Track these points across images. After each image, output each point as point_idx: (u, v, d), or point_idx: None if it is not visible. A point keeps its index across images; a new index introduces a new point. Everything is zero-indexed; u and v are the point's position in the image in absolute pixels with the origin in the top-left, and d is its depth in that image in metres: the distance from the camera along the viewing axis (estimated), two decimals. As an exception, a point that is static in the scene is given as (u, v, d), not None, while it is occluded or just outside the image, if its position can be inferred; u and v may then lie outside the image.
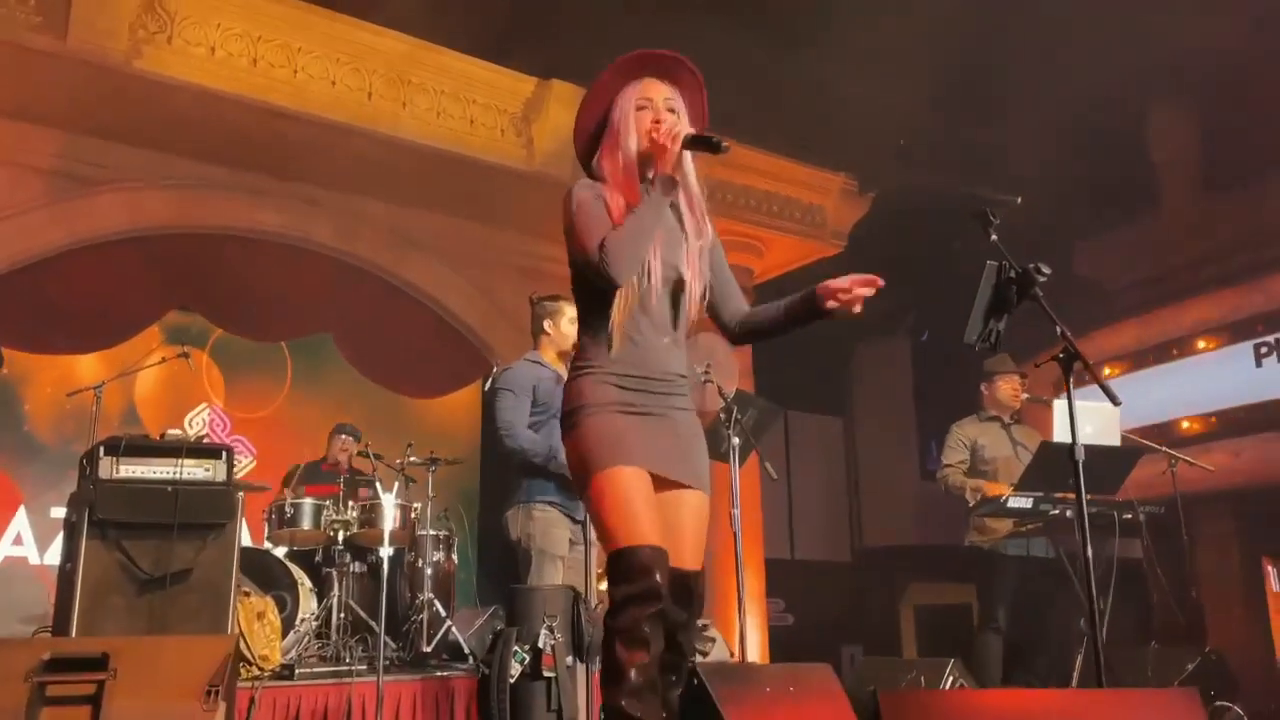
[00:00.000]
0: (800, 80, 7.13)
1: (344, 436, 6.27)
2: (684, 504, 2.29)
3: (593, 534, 3.91)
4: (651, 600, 2.08)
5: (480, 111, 7.15)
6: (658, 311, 2.32)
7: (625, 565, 2.11)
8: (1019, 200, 7.51)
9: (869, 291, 2.25)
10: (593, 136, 2.42)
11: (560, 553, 3.91)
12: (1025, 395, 5.10)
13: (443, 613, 5.56)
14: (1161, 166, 8.05)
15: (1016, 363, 5.21)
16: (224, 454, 4.39)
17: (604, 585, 3.66)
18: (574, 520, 3.94)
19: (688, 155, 2.33)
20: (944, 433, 5.36)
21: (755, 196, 8.33)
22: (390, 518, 5.51)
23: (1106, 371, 7.28)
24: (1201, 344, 6.58)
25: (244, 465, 8.48)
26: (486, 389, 5.88)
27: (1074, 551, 4.51)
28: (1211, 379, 6.32)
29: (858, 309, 2.26)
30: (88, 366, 7.18)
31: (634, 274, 2.25)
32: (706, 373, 3.96)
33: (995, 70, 6.70)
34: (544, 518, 3.94)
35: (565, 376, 4.23)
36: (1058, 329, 2.48)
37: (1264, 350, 6.32)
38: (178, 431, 4.67)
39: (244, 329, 7.56)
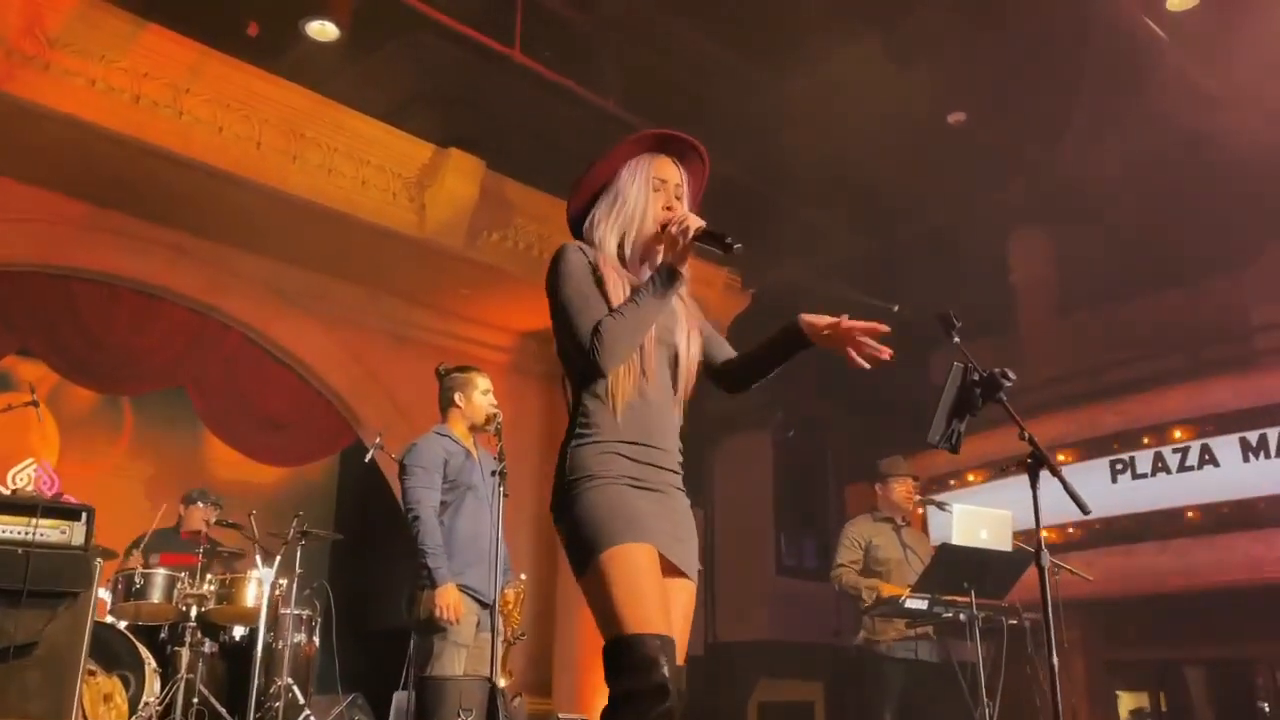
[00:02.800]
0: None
1: (203, 504, 5.80)
2: (676, 594, 2.13)
3: (500, 622, 3.71)
4: (658, 698, 1.89)
5: (373, 173, 6.94)
6: (659, 376, 2.22)
7: (629, 655, 1.92)
8: (896, 308, 7.81)
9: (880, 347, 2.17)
10: (591, 198, 2.32)
11: (466, 641, 3.68)
12: (918, 498, 5.20)
13: (300, 699, 5.17)
14: (1019, 288, 8.55)
15: (908, 463, 5.32)
16: (84, 515, 3.98)
17: (504, 681, 3.44)
18: (483, 605, 3.73)
19: None
20: (800, 530, 5.39)
21: (640, 283, 8.37)
22: (253, 594, 5.14)
23: (970, 478, 7.56)
24: (1061, 457, 6.92)
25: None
26: (367, 459, 5.59)
27: (963, 658, 4.59)
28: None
29: (886, 354, 2.17)
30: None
31: (624, 364, 2.14)
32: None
33: (883, 183, 7.01)
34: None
35: (474, 451, 4.08)
36: (1024, 434, 2.51)
37: (1119, 467, 6.71)
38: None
39: (90, 379, 6.98)
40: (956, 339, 2.70)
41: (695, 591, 2.21)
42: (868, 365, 2.18)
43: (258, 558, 5.07)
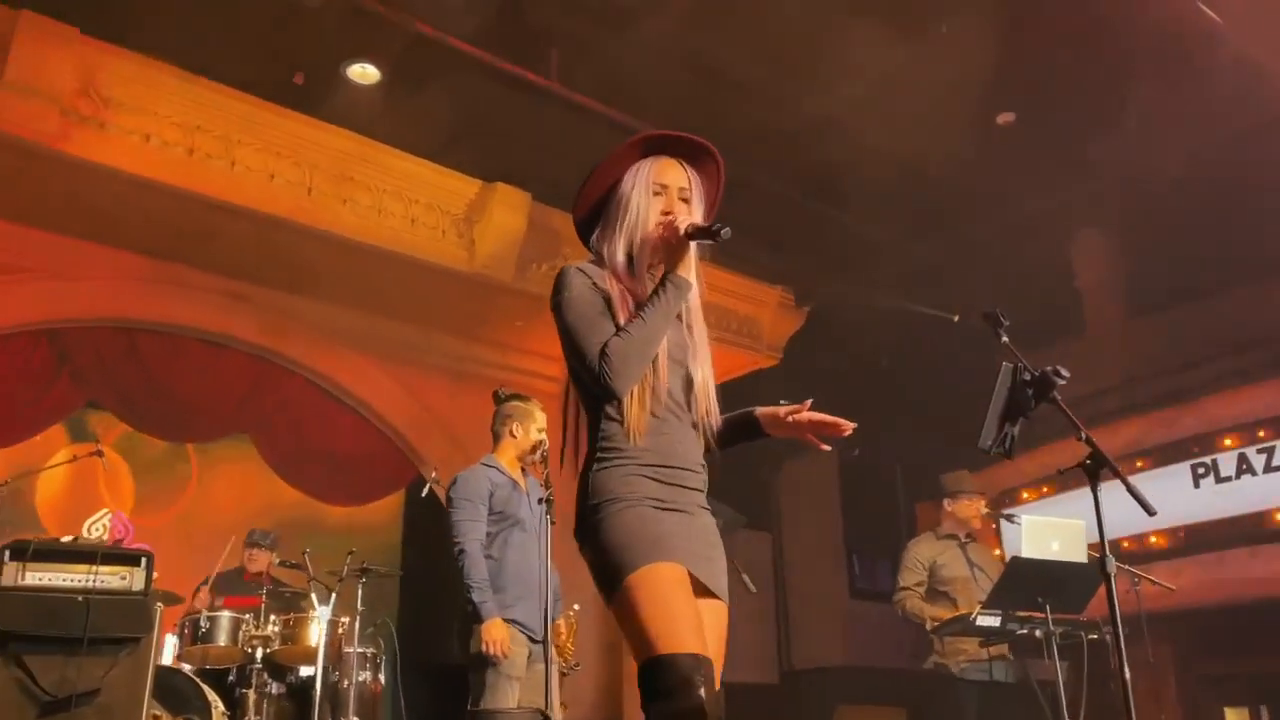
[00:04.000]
0: (741, 193, 7.19)
1: (262, 546, 5.85)
2: (707, 614, 2.05)
3: (553, 652, 3.64)
4: None
5: (422, 211, 7.00)
6: (675, 397, 2.16)
7: (663, 677, 1.84)
8: (956, 318, 7.63)
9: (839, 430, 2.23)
10: (594, 206, 2.27)
11: (518, 674, 3.62)
12: (985, 511, 5.03)
13: (367, 738, 5.16)
14: (1086, 291, 8.29)
15: (974, 478, 5.15)
16: (143, 560, 4.03)
17: (559, 712, 3.37)
18: (534, 640, 3.67)
19: (692, 246, 2.18)
20: (872, 550, 5.24)
21: (692, 306, 8.30)
22: (316, 633, 5.15)
23: (1044, 490, 7.31)
24: (1138, 464, 6.65)
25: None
26: (424, 493, 5.60)
27: (1042, 677, 4.39)
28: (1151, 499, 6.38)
29: (848, 430, 2.23)
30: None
31: (636, 384, 2.07)
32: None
33: (935, 190, 6.86)
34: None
35: (522, 481, 4.03)
36: (1082, 435, 2.38)
37: (1200, 471, 6.42)
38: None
39: (157, 429, 7.13)
40: (1005, 338, 2.59)
41: (728, 613, 2.13)
42: (828, 447, 2.26)
43: (313, 596, 5.08)
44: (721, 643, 2.12)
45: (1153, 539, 6.56)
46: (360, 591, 5.34)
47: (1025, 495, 7.40)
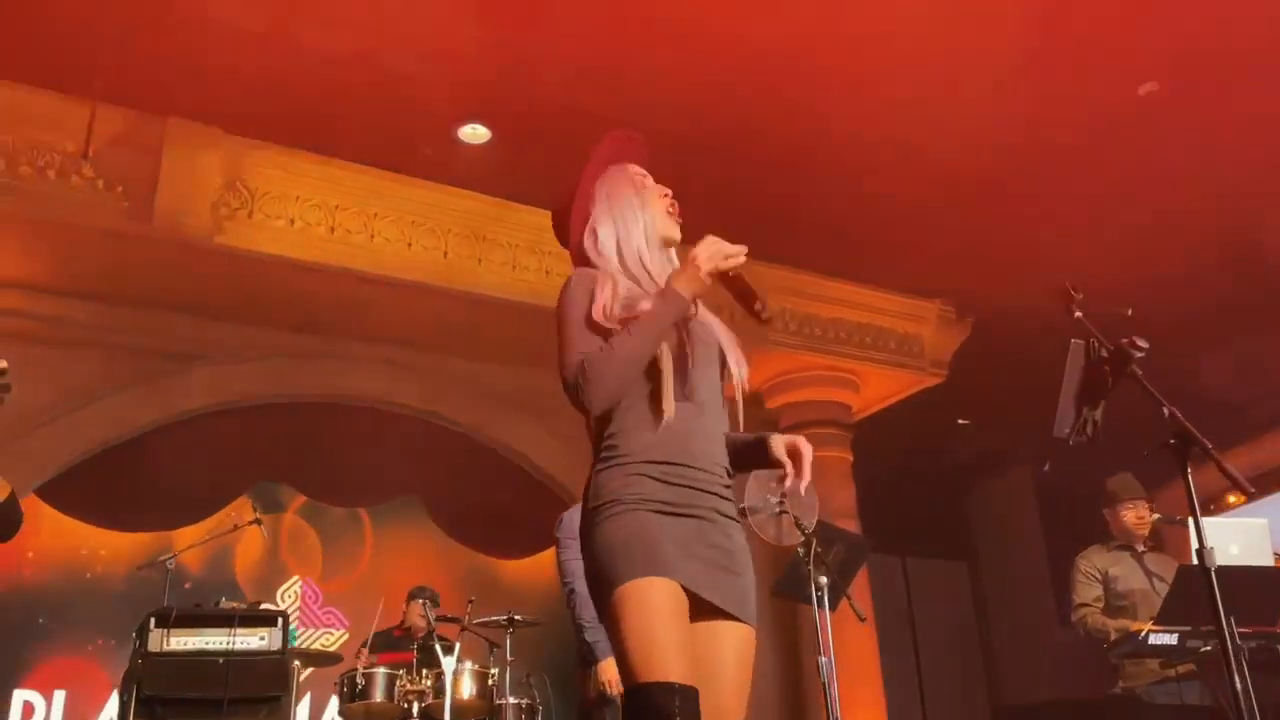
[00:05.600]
0: (881, 206, 6.91)
1: (421, 600, 5.99)
2: (724, 638, 1.87)
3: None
4: None
5: (555, 261, 7.09)
6: (701, 392, 2.00)
7: (640, 708, 1.69)
8: (1130, 312, 6.99)
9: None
10: (580, 220, 2.18)
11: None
12: (1156, 516, 4.51)
13: (527, 789, 5.13)
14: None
15: (1145, 485, 4.64)
16: (279, 620, 4.18)
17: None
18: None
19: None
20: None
21: (846, 329, 8.03)
22: (468, 686, 5.20)
23: (1230, 500, 6.54)
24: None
25: (337, 638, 8.28)
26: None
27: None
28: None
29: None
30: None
31: (612, 404, 1.93)
32: (781, 503, 3.58)
33: (1081, 174, 6.35)
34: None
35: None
36: (1165, 411, 2.07)
37: None
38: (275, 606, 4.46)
39: (331, 496, 7.49)
40: (1078, 313, 2.29)
41: (751, 636, 1.91)
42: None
43: (438, 649, 5.14)
44: (746, 674, 1.91)
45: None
46: (509, 641, 5.37)
47: (1231, 499, 6.65)
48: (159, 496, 6.85)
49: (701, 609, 1.84)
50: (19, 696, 7.06)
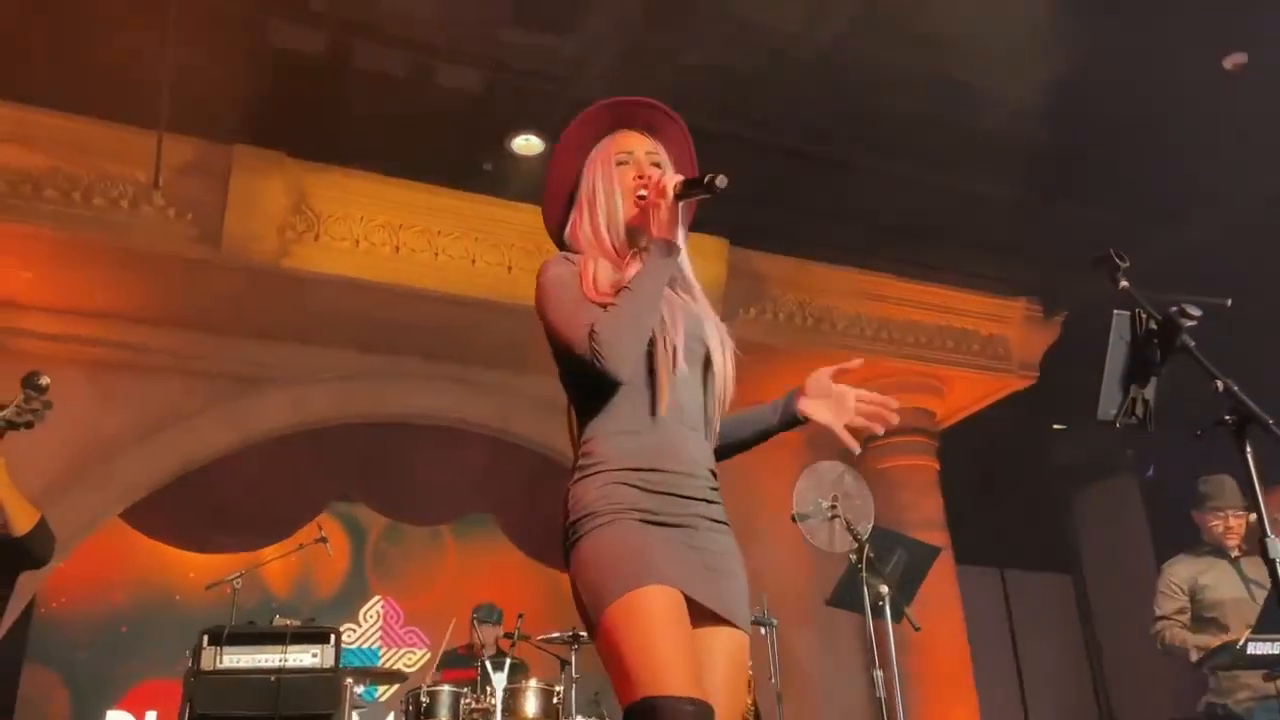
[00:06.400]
0: (963, 202, 6.63)
1: (488, 622, 5.92)
2: (716, 644, 1.74)
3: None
4: None
5: (619, 273, 7.01)
6: (682, 394, 1.87)
7: None
8: (1229, 303, 6.54)
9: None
10: (565, 205, 2.05)
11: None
12: (1249, 520, 4.14)
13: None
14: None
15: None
16: (332, 637, 4.13)
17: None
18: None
19: (680, 208, 1.90)
20: None
21: (926, 332, 7.72)
22: (532, 703, 5.09)
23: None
24: None
25: (419, 657, 8.29)
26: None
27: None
28: None
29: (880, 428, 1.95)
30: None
31: (636, 363, 1.81)
32: (834, 506, 3.37)
33: (1168, 157, 5.98)
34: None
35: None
36: (1218, 384, 1.83)
37: None
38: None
39: (405, 514, 7.52)
40: (1124, 283, 2.07)
41: (746, 643, 1.77)
42: (858, 449, 1.95)
43: (487, 665, 5.06)
44: (740, 682, 1.78)
45: None
46: (574, 658, 5.26)
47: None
48: (238, 519, 6.97)
49: (694, 615, 1.71)
50: (111, 718, 7.24)
